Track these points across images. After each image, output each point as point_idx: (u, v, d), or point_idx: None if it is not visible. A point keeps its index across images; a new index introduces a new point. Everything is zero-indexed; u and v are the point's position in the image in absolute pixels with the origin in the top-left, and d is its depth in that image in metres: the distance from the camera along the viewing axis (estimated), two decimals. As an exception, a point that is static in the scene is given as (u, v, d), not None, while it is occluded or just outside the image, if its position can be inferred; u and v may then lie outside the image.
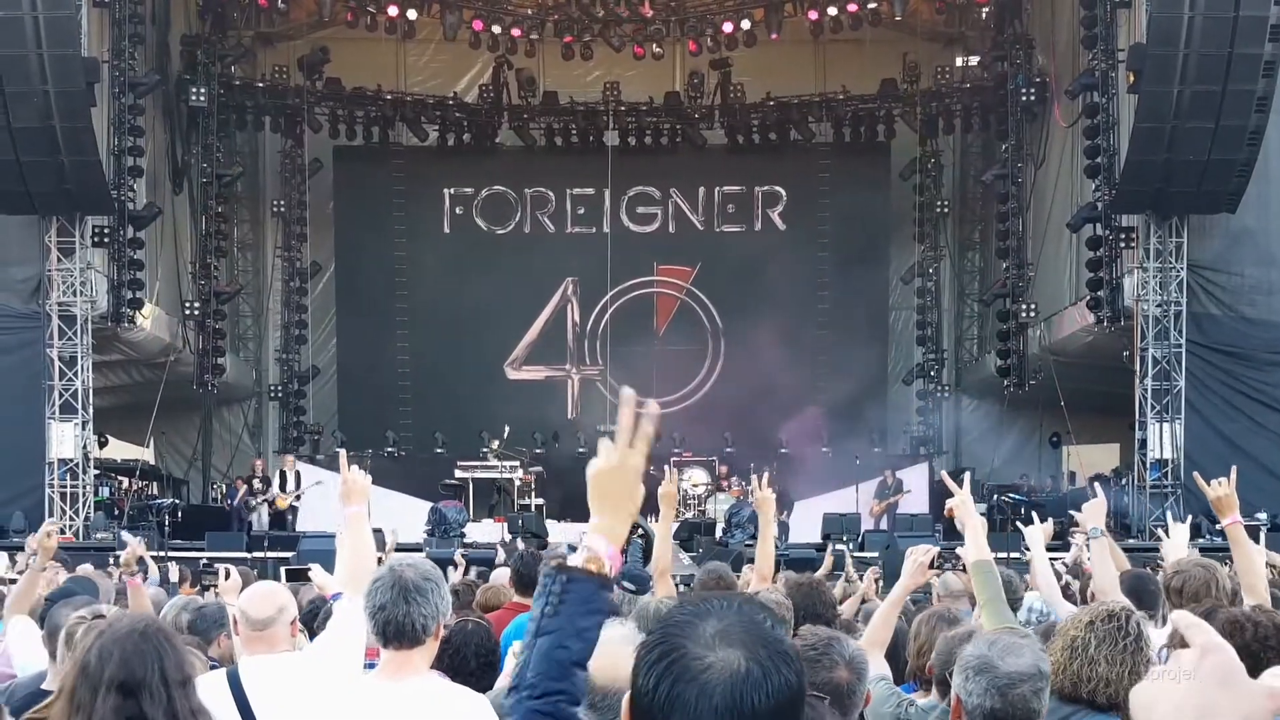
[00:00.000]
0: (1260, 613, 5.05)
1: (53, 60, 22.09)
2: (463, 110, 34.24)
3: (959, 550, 6.92)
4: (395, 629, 4.80)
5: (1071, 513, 10.15)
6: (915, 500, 29.38)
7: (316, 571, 7.85)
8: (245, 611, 5.89)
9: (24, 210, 24.27)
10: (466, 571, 14.76)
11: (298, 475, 28.39)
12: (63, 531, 24.00)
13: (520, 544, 19.68)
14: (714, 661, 2.35)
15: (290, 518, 28.07)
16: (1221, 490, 7.18)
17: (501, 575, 11.09)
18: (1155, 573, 9.31)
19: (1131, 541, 22.24)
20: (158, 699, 4.14)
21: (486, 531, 26.41)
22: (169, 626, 4.55)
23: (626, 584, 7.60)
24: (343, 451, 7.60)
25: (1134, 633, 4.68)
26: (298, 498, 27.81)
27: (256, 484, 28.64)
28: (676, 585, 9.45)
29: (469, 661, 6.51)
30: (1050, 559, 8.03)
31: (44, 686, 5.88)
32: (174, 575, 14.61)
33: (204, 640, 7.28)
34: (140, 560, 14.17)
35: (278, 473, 28.63)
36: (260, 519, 28.03)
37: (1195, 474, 7.81)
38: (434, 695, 4.87)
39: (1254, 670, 4.89)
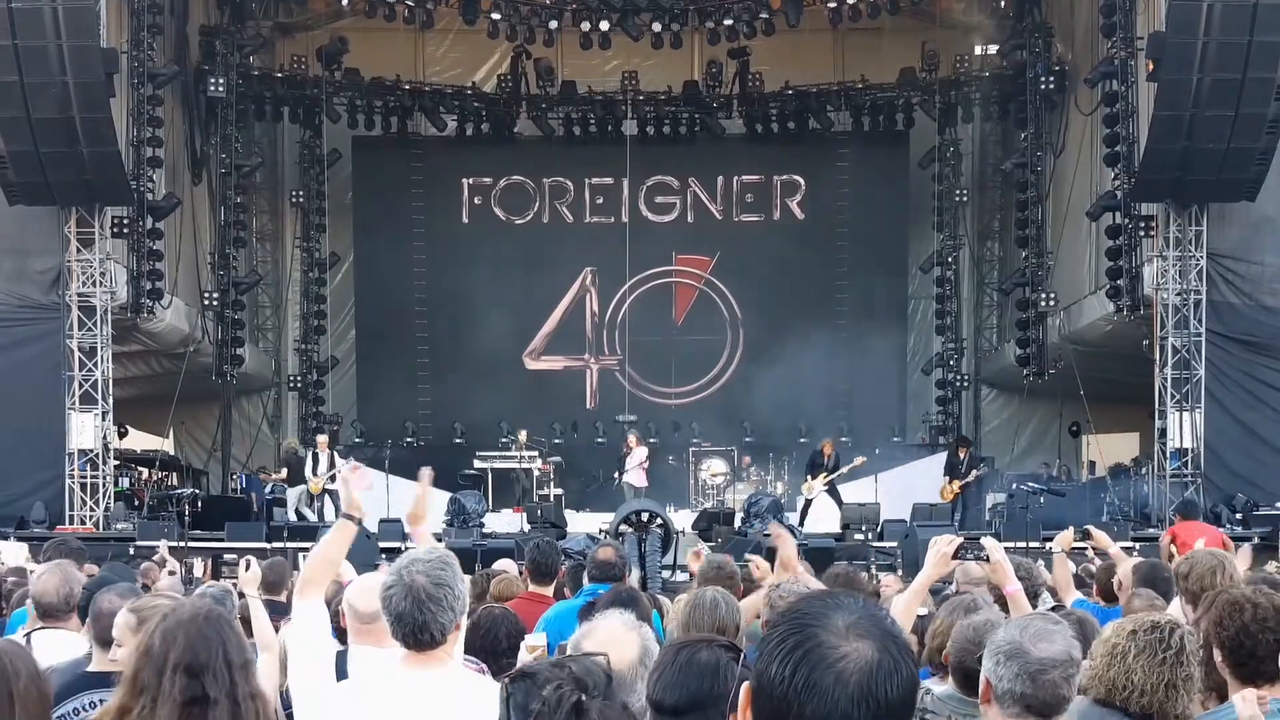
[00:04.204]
0: (1260, 594, 5.00)
1: (72, 51, 22.05)
2: (481, 100, 34.24)
3: (983, 540, 6.93)
4: (414, 637, 4.91)
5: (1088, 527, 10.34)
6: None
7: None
8: (352, 604, 5.94)
9: (43, 201, 24.25)
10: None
11: (331, 458, 26.64)
12: (83, 522, 24.21)
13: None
14: (849, 651, 2.48)
15: (321, 504, 26.39)
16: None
17: (506, 565, 11.15)
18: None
19: (1151, 531, 22.21)
20: (221, 680, 4.36)
21: (505, 522, 26.41)
22: (228, 613, 4.67)
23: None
24: (427, 471, 7.55)
25: (1176, 646, 4.65)
26: (331, 479, 25.96)
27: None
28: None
29: (500, 641, 6.98)
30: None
31: (92, 669, 5.87)
32: (199, 570, 14.67)
33: None
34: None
35: (310, 455, 27.69)
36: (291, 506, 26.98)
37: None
38: (455, 682, 4.99)
39: (1254, 652, 4.90)
